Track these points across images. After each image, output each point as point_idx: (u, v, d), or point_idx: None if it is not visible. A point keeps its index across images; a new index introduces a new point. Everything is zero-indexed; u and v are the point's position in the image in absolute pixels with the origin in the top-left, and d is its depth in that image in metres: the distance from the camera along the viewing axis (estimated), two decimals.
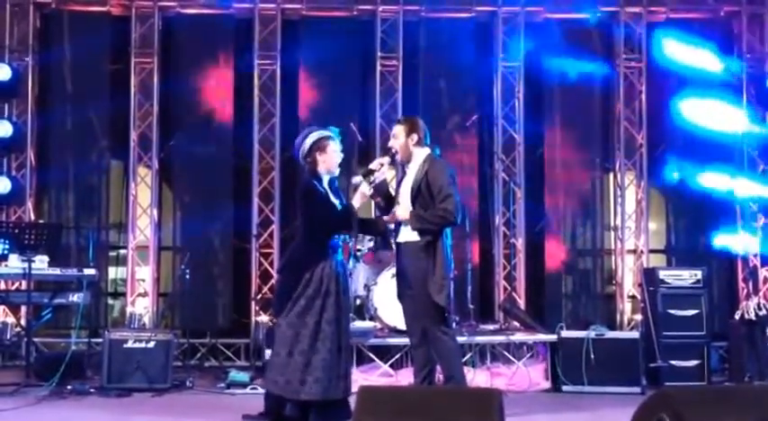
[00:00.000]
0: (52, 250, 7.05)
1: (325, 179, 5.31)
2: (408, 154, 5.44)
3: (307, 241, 5.27)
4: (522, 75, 9.07)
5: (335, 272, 5.20)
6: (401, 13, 9.03)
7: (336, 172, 5.40)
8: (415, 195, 5.29)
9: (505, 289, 8.85)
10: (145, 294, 8.75)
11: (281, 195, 8.80)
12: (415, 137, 5.41)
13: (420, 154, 5.42)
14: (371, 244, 7.47)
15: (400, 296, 5.49)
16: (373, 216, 6.55)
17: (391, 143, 5.52)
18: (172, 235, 8.99)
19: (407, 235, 5.33)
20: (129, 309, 8.70)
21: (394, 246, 5.65)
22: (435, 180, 5.25)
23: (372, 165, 5.37)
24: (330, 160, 5.29)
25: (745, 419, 3.19)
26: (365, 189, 5.27)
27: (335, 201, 5.29)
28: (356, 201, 5.28)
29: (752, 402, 3.32)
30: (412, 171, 5.42)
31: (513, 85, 9.10)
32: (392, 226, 5.57)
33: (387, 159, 5.45)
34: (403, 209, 5.35)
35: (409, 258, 5.32)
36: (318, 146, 5.29)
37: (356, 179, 5.37)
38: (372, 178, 5.30)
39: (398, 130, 5.47)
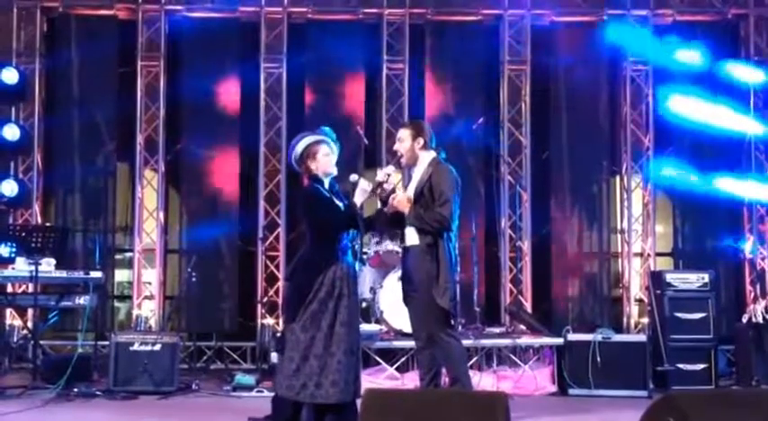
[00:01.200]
0: (59, 253, 7.07)
1: (326, 181, 5.32)
2: (414, 157, 5.44)
3: (316, 245, 5.26)
4: (529, 77, 9.08)
5: (347, 274, 5.21)
6: (407, 16, 9.04)
7: (334, 172, 5.37)
8: (418, 197, 5.30)
9: (512, 292, 8.84)
10: (151, 297, 8.77)
11: (287, 198, 8.81)
12: (421, 140, 5.41)
13: (426, 157, 5.42)
14: (378, 247, 7.46)
15: (406, 299, 5.49)
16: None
17: (396, 147, 5.51)
18: (178, 238, 9.00)
19: (412, 238, 5.33)
20: (135, 312, 8.71)
21: (400, 248, 5.66)
22: (438, 184, 5.25)
23: (379, 177, 5.37)
24: (322, 165, 5.27)
25: None
26: (364, 185, 5.26)
27: (339, 203, 5.29)
28: (358, 199, 5.28)
29: (759, 406, 3.30)
30: (417, 174, 5.42)
31: (519, 88, 9.10)
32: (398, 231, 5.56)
33: (391, 168, 5.45)
34: (402, 198, 5.31)
35: (414, 261, 5.32)
36: (308, 153, 5.27)
37: (353, 177, 5.35)
38: (382, 189, 5.30)
39: (404, 134, 5.47)
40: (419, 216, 5.24)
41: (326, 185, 5.30)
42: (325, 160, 5.26)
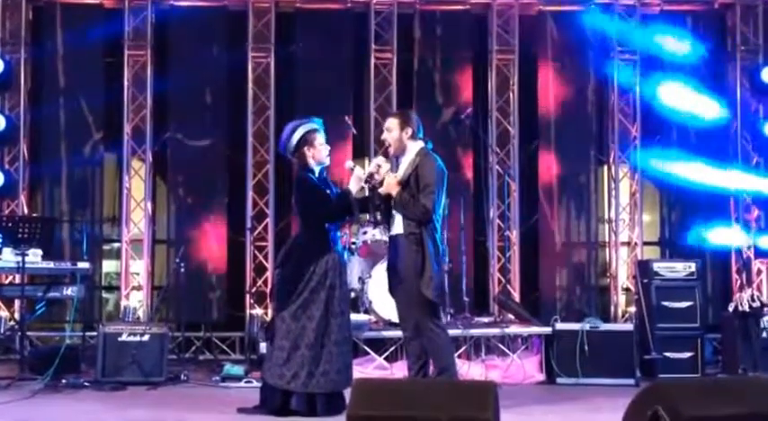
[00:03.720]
0: (46, 244, 7.02)
1: (317, 171, 5.35)
2: (402, 147, 5.44)
3: (308, 233, 5.30)
4: (517, 67, 9.08)
5: (338, 264, 5.25)
6: (395, 5, 9.01)
7: (327, 162, 5.43)
8: (404, 187, 5.31)
9: (500, 281, 8.86)
10: (139, 287, 8.74)
11: (275, 188, 8.80)
12: (409, 130, 5.42)
13: (414, 147, 5.42)
14: (366, 236, 7.46)
15: (391, 289, 5.50)
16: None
17: (385, 136, 5.51)
18: (166, 228, 8.97)
19: (398, 227, 5.35)
20: (123, 303, 8.69)
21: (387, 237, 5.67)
22: (424, 175, 5.27)
23: (371, 169, 5.39)
24: (319, 153, 5.33)
25: (738, 411, 3.20)
26: (360, 173, 5.31)
27: (329, 193, 5.33)
28: (352, 187, 5.31)
29: (745, 394, 3.33)
30: (404, 164, 5.44)
31: (507, 78, 9.10)
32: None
33: (382, 159, 5.46)
34: (392, 181, 5.31)
35: (400, 251, 5.34)
36: (306, 140, 5.32)
37: (349, 164, 5.40)
38: (373, 180, 5.33)
39: (392, 124, 5.46)
40: (405, 201, 5.26)
41: (316, 174, 5.33)
42: (322, 149, 5.32)
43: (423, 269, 5.17)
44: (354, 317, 6.99)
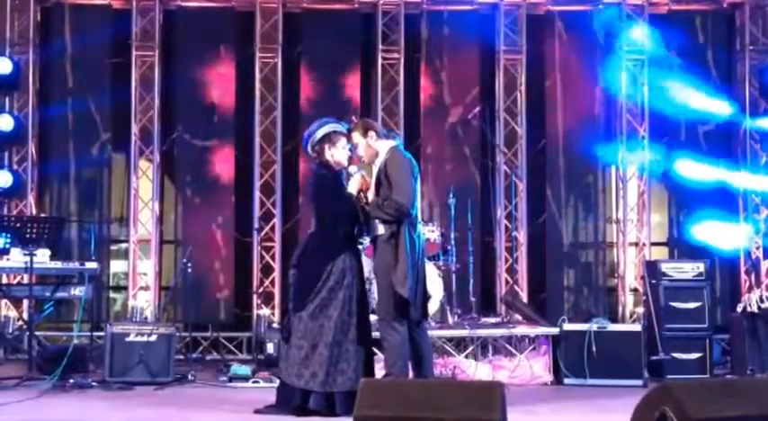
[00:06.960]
0: (54, 244, 7.04)
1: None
2: (374, 152, 5.48)
3: (324, 232, 5.31)
4: (524, 67, 9.06)
5: (357, 263, 5.27)
6: (402, 5, 9.01)
7: (345, 166, 5.47)
8: (378, 187, 5.36)
9: (507, 282, 8.85)
10: (147, 288, 8.76)
11: (282, 189, 8.81)
12: (372, 133, 5.46)
13: (384, 147, 5.46)
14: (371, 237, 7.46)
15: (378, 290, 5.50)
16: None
17: (358, 152, 5.52)
18: (173, 228, 8.99)
19: (380, 229, 5.37)
20: (130, 303, 8.71)
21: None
22: (391, 173, 5.30)
23: (359, 186, 5.41)
24: (338, 155, 5.39)
25: (747, 412, 3.19)
26: (358, 177, 5.36)
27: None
28: (353, 189, 5.35)
29: (754, 395, 3.32)
30: (377, 164, 5.48)
31: (514, 78, 9.09)
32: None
33: (359, 176, 5.44)
34: (350, 186, 5.43)
35: (378, 251, 5.37)
36: (330, 138, 5.38)
37: (352, 168, 5.43)
38: (364, 198, 5.36)
39: (355, 137, 5.51)
40: (378, 206, 5.29)
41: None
42: (343, 152, 5.37)
43: (396, 267, 5.17)
44: None
